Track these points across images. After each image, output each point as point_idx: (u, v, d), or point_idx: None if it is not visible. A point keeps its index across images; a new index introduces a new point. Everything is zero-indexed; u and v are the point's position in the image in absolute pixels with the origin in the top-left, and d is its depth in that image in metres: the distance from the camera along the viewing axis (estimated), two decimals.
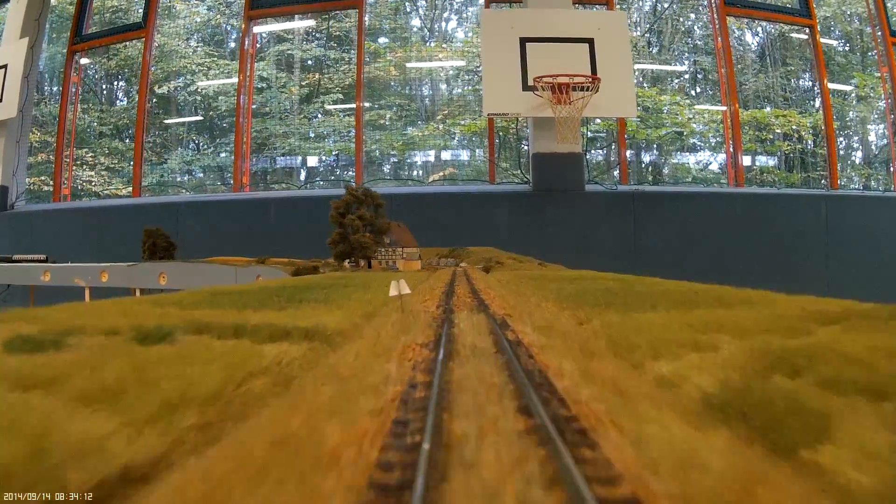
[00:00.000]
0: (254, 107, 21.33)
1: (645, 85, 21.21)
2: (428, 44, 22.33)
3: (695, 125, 20.91)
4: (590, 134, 19.04)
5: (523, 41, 14.67)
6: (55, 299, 3.50)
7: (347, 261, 10.55)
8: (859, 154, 24.98)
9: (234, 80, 20.30)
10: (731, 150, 19.40)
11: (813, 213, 17.40)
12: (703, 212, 16.83)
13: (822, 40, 21.64)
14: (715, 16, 20.08)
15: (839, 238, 17.17)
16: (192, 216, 17.40)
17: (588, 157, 17.93)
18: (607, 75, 14.41)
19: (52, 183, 21.11)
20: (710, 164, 22.10)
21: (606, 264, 13.39)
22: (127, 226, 16.30)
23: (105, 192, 22.57)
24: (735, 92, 19.45)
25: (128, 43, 22.12)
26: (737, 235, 16.57)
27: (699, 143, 21.97)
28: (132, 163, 20.69)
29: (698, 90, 22.91)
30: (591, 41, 14.85)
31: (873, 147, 24.88)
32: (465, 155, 22.08)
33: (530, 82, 14.27)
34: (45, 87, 25.37)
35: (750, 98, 21.55)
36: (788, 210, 17.31)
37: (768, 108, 20.95)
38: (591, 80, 13.99)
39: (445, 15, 23.94)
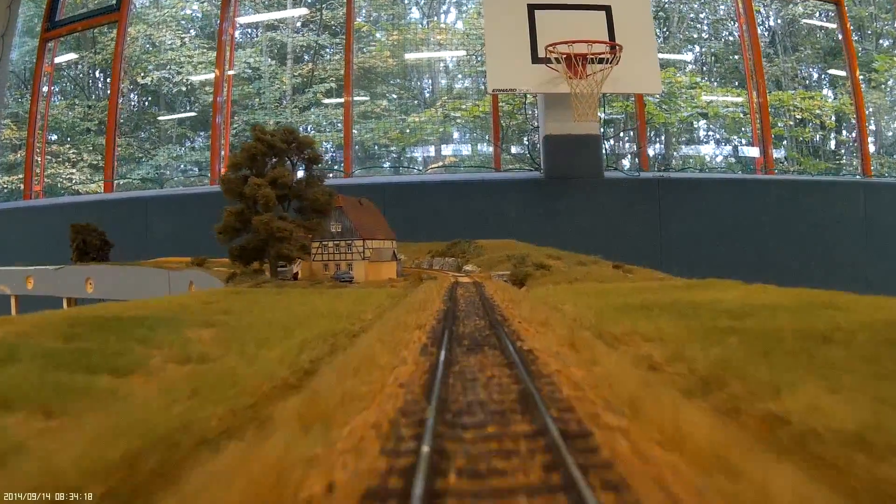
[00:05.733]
0: (246, 99, 19.45)
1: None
2: (426, 26, 20.24)
3: (719, 109, 18.66)
4: (604, 117, 16.86)
5: (531, 8, 12.42)
6: None
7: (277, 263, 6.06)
8: (871, 143, 23.08)
9: (212, 75, 18.12)
10: (761, 136, 17.18)
11: (850, 201, 15.34)
12: (734, 200, 14.53)
13: (833, 26, 19.51)
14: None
15: (878, 227, 15.16)
16: (163, 211, 15.18)
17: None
18: (628, 47, 12.12)
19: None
20: (725, 151, 19.96)
21: (631, 258, 11.20)
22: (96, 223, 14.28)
23: (85, 189, 20.49)
24: (762, 76, 17.24)
25: (114, 36, 20.09)
26: (771, 225, 14.37)
27: (716, 130, 19.81)
28: (115, 158, 18.55)
29: (706, 77, 20.81)
30: (608, 8, 12.61)
31: (883, 136, 22.96)
32: (467, 150, 19.89)
33: (541, 53, 12.04)
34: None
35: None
36: (825, 198, 15.20)
37: (792, 91, 18.75)
38: (611, 48, 11.81)
39: (444, 8, 22.02)
